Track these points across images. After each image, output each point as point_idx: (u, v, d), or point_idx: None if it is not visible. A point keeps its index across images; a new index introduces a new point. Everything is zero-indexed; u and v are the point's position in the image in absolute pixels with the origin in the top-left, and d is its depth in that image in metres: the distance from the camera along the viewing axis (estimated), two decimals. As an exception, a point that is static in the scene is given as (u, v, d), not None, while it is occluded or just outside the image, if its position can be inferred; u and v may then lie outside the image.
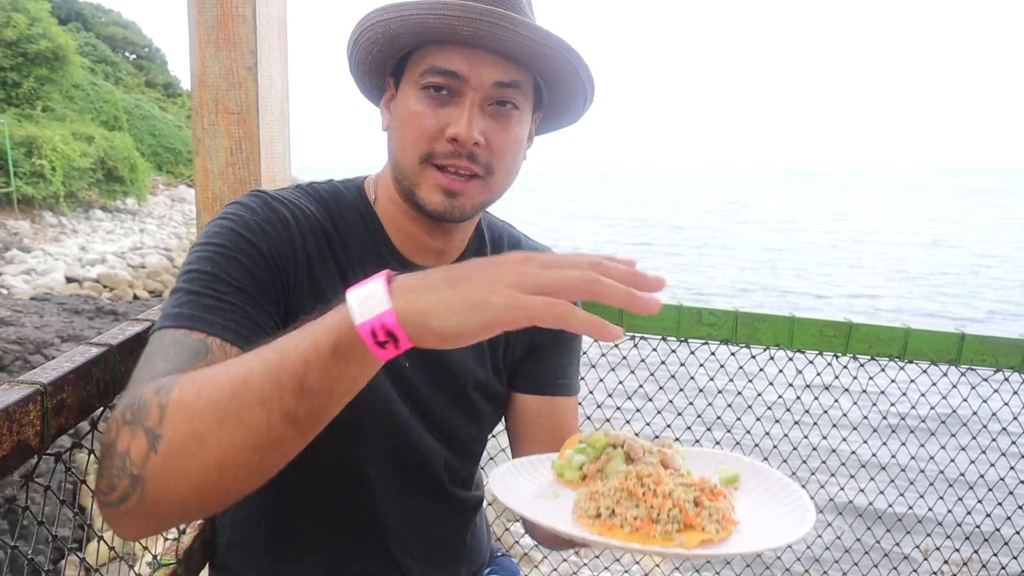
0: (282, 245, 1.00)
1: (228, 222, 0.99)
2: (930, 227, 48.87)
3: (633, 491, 0.78)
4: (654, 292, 0.66)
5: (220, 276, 0.92)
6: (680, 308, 1.76)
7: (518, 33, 0.94)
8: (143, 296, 12.37)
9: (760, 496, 0.87)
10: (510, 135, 1.03)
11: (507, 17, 0.93)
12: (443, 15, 0.93)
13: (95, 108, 23.98)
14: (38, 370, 0.91)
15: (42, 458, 0.90)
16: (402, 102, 1.04)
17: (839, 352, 1.80)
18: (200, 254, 0.95)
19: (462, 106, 0.98)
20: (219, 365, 0.74)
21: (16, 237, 14.75)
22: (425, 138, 1.00)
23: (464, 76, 0.98)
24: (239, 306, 0.91)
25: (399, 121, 1.04)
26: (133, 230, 18.23)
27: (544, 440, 1.21)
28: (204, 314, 0.88)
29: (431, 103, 1.00)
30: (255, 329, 0.91)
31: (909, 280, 23.36)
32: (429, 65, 0.99)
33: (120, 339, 1.09)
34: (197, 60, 1.43)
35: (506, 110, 1.02)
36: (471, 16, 0.92)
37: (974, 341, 1.81)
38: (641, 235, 34.08)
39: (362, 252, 1.11)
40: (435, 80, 0.99)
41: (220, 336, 0.87)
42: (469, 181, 1.02)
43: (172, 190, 26.36)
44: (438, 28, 0.95)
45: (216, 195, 1.48)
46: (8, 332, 7.26)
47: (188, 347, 0.84)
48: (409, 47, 1.03)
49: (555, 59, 0.99)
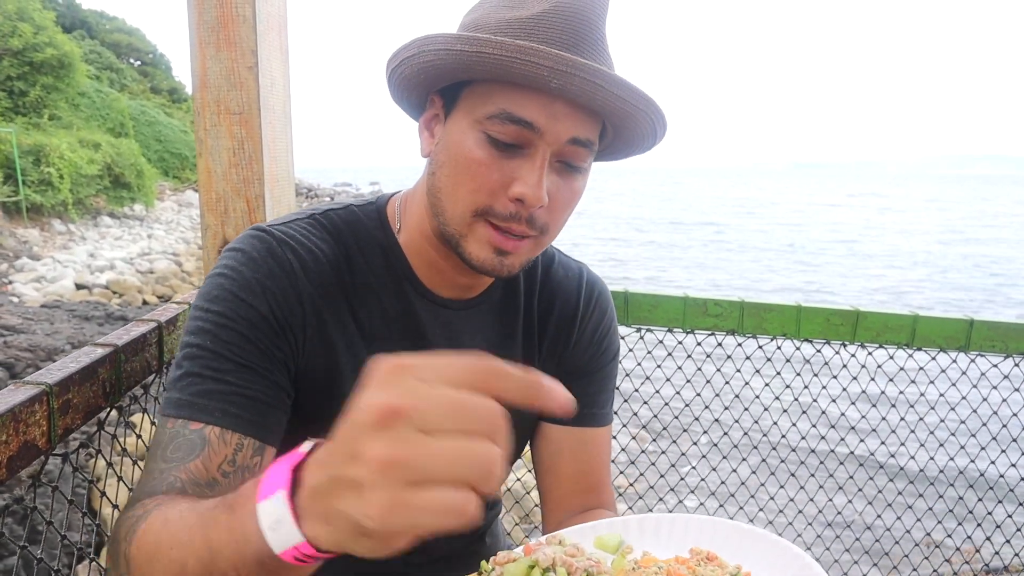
0: (287, 303, 0.92)
1: (228, 282, 0.91)
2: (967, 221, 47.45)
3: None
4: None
5: (220, 353, 0.87)
6: (686, 299, 1.76)
7: (608, 91, 0.86)
8: (152, 301, 12.43)
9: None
10: (573, 194, 0.95)
11: (601, 74, 0.84)
12: (533, 63, 0.83)
13: (101, 115, 24.11)
14: (44, 371, 0.92)
15: (49, 458, 0.90)
16: (457, 139, 0.92)
17: (847, 340, 1.79)
18: (199, 323, 0.89)
19: (532, 162, 0.89)
20: (168, 527, 0.67)
21: (26, 245, 14.85)
22: (485, 191, 0.90)
23: (540, 128, 0.87)
24: (239, 386, 0.87)
25: (452, 160, 0.92)
26: (141, 236, 18.33)
27: (570, 474, 1.15)
28: (202, 400, 0.84)
29: (496, 152, 0.89)
30: (258, 408, 0.87)
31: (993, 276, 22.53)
32: (500, 109, 0.88)
33: (125, 340, 1.10)
34: (198, 61, 1.43)
35: (573, 171, 0.94)
36: (563, 69, 0.83)
37: (983, 327, 1.80)
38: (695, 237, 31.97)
39: (380, 288, 1.02)
40: (506, 131, 0.88)
41: (218, 424, 0.84)
42: (522, 241, 0.93)
43: (179, 195, 26.48)
44: (523, 75, 0.84)
45: (220, 196, 1.48)
46: (20, 340, 7.31)
47: (186, 442, 0.82)
48: (476, 79, 0.91)
49: (638, 116, 0.91)
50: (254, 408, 0.86)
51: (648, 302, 1.76)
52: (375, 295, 1.01)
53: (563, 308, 1.15)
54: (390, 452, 0.45)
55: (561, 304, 1.15)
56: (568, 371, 1.15)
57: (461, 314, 1.07)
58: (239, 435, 0.84)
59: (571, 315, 1.15)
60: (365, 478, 0.46)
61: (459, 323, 1.07)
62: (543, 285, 1.15)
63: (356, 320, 0.99)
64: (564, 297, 1.15)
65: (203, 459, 0.81)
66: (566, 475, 1.14)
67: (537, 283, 1.15)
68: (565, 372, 1.15)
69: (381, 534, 0.47)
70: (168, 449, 0.82)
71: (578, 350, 1.16)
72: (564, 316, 1.15)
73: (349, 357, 0.98)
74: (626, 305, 1.75)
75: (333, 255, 0.99)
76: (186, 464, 0.80)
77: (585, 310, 1.16)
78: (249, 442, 0.85)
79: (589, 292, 1.17)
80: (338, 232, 1.02)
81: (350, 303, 0.99)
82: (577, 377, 1.15)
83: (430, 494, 0.45)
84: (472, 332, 1.08)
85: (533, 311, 1.14)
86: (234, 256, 0.93)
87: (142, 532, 0.69)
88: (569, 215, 0.98)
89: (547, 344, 1.14)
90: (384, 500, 0.45)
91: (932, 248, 30.01)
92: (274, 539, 0.54)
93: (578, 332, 1.16)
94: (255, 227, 0.98)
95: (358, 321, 0.99)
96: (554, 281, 1.16)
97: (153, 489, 0.77)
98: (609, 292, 1.22)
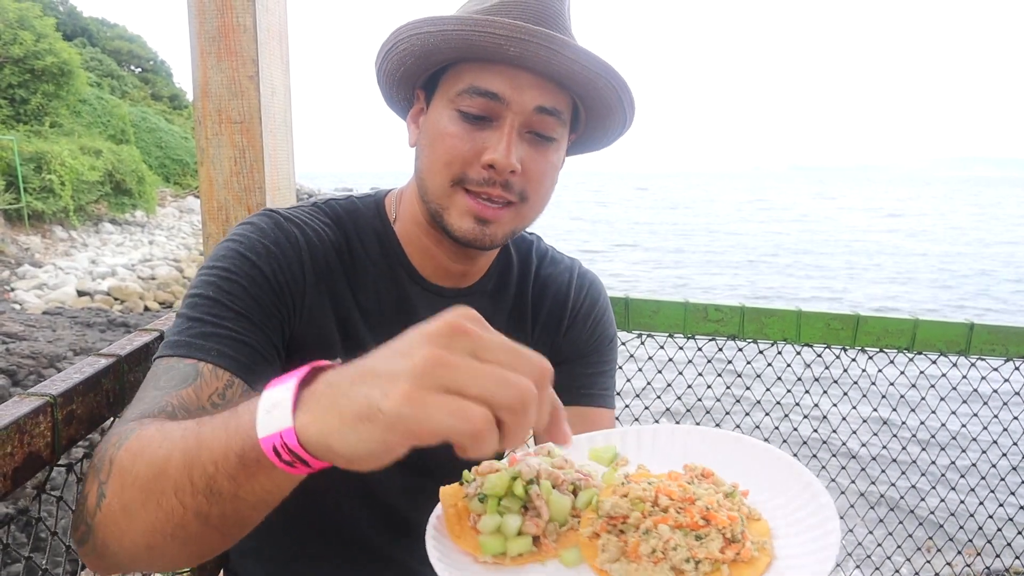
0: (290, 269, 0.97)
1: (235, 244, 0.96)
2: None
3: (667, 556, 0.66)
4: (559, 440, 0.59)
5: (220, 301, 0.91)
6: (686, 305, 1.76)
7: (565, 56, 0.90)
8: (154, 307, 12.44)
9: (772, 491, 0.77)
10: (547, 163, 0.99)
11: (556, 39, 0.89)
12: (489, 34, 0.89)
13: (102, 122, 24.15)
14: (47, 382, 0.92)
15: (54, 469, 0.91)
16: (434, 119, 0.99)
17: (847, 345, 1.80)
18: (204, 278, 0.93)
19: (500, 130, 0.94)
20: (162, 429, 0.69)
21: (28, 252, 14.87)
22: (459, 161, 0.95)
23: (505, 99, 0.93)
24: (236, 331, 0.89)
25: (430, 139, 0.99)
26: (142, 242, 18.34)
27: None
28: (199, 340, 0.87)
29: (467, 125, 0.95)
30: (251, 355, 0.90)
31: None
32: (468, 84, 0.94)
33: (128, 349, 1.10)
34: (199, 71, 1.44)
35: (545, 142, 0.98)
36: (519, 36, 0.88)
37: (983, 331, 1.80)
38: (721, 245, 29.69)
39: (376, 273, 1.08)
40: (474, 104, 0.94)
41: (212, 361, 0.86)
42: (502, 209, 0.97)
43: (180, 201, 26.50)
44: (482, 47, 0.90)
45: (222, 204, 1.49)
46: (22, 347, 7.31)
47: (178, 372, 0.84)
48: (446, 62, 0.98)
49: (599, 84, 0.95)
50: (248, 353, 0.89)
51: (649, 308, 1.76)
52: (372, 279, 1.07)
53: (555, 297, 1.20)
54: (441, 354, 0.50)
55: (553, 294, 1.20)
56: (563, 357, 1.19)
57: (454, 302, 1.09)
58: (230, 374, 0.86)
59: (562, 303, 1.20)
60: (404, 370, 0.50)
61: None
62: (536, 277, 1.20)
63: (356, 299, 1.04)
64: (556, 287, 1.20)
65: (195, 388, 0.83)
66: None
67: (531, 275, 1.20)
68: (559, 358, 1.19)
69: (388, 420, 0.49)
70: (162, 380, 0.84)
71: (570, 336, 1.20)
72: (555, 305, 1.20)
73: (342, 333, 1.03)
74: (627, 311, 1.75)
75: (335, 238, 1.05)
76: (179, 391, 0.82)
77: (576, 298, 1.21)
78: (239, 383, 0.87)
79: (580, 282, 1.23)
80: (339, 219, 1.08)
81: (350, 283, 1.05)
82: (572, 361, 1.19)
83: (454, 401, 0.48)
84: None
85: (526, 301, 1.18)
86: (243, 228, 1.00)
87: (135, 437, 0.70)
88: (549, 188, 1.03)
89: (538, 331, 1.19)
90: (411, 389, 0.49)
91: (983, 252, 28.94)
92: (264, 421, 0.56)
93: (569, 319, 1.20)
94: (265, 208, 1.05)
95: (357, 300, 1.04)
96: (547, 273, 1.21)
97: (144, 412, 0.79)
98: (602, 284, 1.27)
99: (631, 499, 0.71)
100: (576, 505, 0.75)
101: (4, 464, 0.78)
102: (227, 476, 0.60)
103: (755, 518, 0.74)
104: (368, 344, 1.02)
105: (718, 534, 0.68)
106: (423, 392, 0.49)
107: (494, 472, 0.76)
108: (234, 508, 0.62)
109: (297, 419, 0.54)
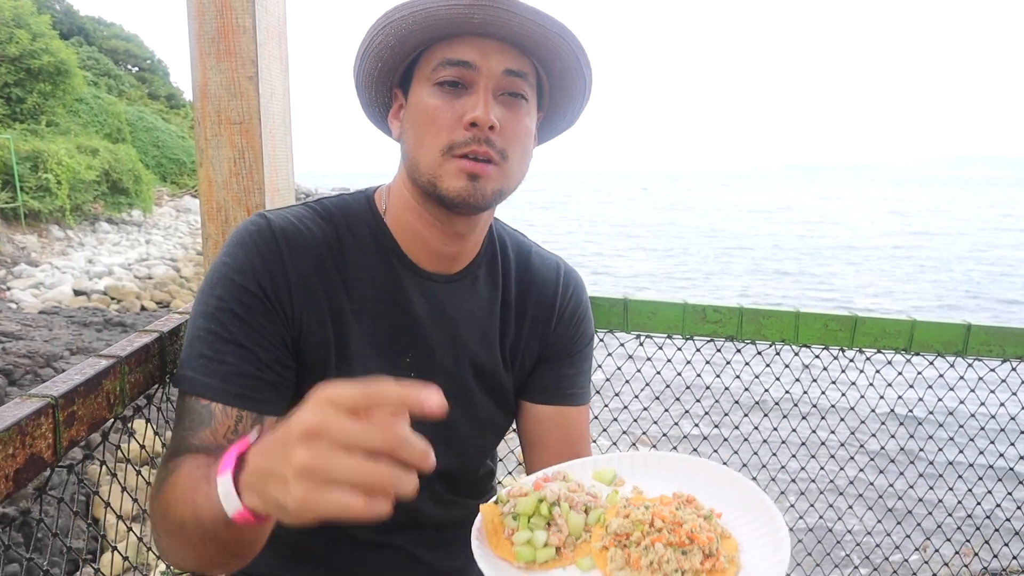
0: (272, 280, 1.04)
1: (224, 267, 1.04)
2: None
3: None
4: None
5: (219, 334, 1.00)
6: (684, 306, 1.77)
7: (524, 17, 0.99)
8: (150, 307, 12.42)
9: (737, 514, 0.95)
10: (521, 123, 1.07)
11: (514, 3, 0.98)
12: (454, 5, 0.98)
13: (99, 121, 24.09)
14: (48, 383, 0.92)
15: (55, 470, 0.91)
16: (415, 103, 1.07)
17: (845, 346, 1.80)
18: (203, 308, 1.02)
19: (476, 93, 1.02)
20: (181, 484, 0.86)
21: (24, 251, 14.84)
22: (445, 129, 1.03)
23: (476, 65, 1.02)
24: (235, 364, 0.99)
25: (415, 120, 1.07)
26: (139, 242, 18.30)
27: (555, 448, 1.24)
28: (207, 379, 0.98)
29: (446, 96, 1.03)
30: (255, 385, 1.00)
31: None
32: (441, 59, 1.03)
33: (128, 351, 1.10)
34: (198, 71, 1.44)
35: (516, 100, 1.06)
36: (480, 3, 0.97)
37: (980, 332, 1.81)
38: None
39: (368, 263, 1.12)
40: (448, 72, 1.03)
41: (220, 401, 0.98)
42: (488, 165, 1.04)
43: (177, 201, 26.46)
44: (449, 19, 1.00)
45: (220, 205, 1.49)
46: (18, 346, 7.30)
47: (197, 415, 0.98)
48: (420, 47, 1.06)
49: (557, 43, 1.04)
50: (250, 384, 1.00)
51: (647, 309, 1.76)
52: (365, 270, 1.11)
53: (541, 293, 1.26)
54: (307, 461, 0.61)
55: (539, 289, 1.26)
56: (550, 354, 1.26)
57: (445, 287, 1.17)
58: (238, 410, 0.98)
59: (550, 301, 1.27)
60: (289, 475, 0.62)
61: (443, 295, 1.16)
62: (522, 269, 1.26)
63: (348, 294, 1.09)
64: (542, 283, 1.26)
65: (211, 430, 0.97)
66: (552, 449, 1.24)
67: (513, 266, 1.25)
68: (547, 354, 1.26)
69: (296, 514, 0.62)
70: (186, 420, 0.98)
71: (557, 334, 1.26)
72: (543, 301, 1.26)
73: (335, 327, 1.08)
74: (625, 312, 1.76)
75: (324, 236, 1.10)
76: (199, 432, 0.96)
77: (563, 296, 1.27)
78: (247, 415, 0.99)
79: (566, 280, 1.29)
80: (330, 216, 1.13)
81: (343, 278, 1.10)
82: (557, 360, 1.26)
83: (335, 494, 0.60)
84: (456, 303, 1.17)
85: (511, 291, 1.24)
86: (230, 242, 1.06)
87: (166, 489, 0.89)
88: (526, 150, 1.09)
89: (528, 324, 1.25)
90: (300, 493, 0.61)
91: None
92: (227, 506, 0.73)
93: (557, 316, 1.26)
94: (257, 213, 1.10)
95: (350, 294, 1.09)
96: (532, 267, 1.27)
97: (176, 451, 0.95)
98: (583, 282, 1.32)
99: (632, 521, 0.90)
100: (588, 522, 0.94)
101: (6, 465, 0.78)
102: (227, 534, 0.78)
103: (726, 536, 0.92)
104: (356, 337, 1.07)
105: (699, 550, 0.86)
106: (309, 493, 0.61)
107: (523, 495, 0.96)
108: (250, 539, 0.84)
109: (245, 502, 0.72)
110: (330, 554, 1.19)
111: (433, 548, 1.23)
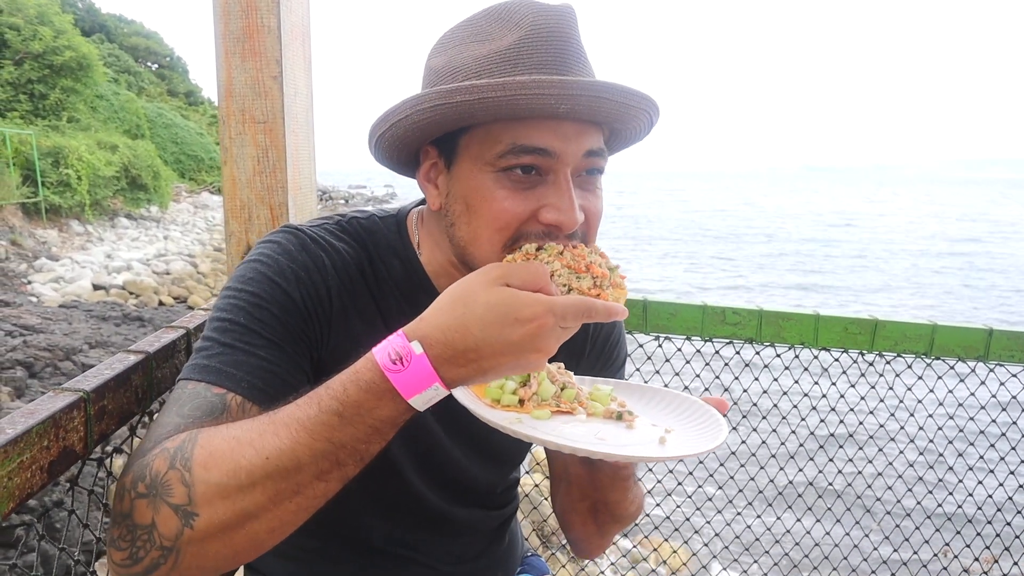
0: (318, 294, 0.97)
1: (262, 266, 0.95)
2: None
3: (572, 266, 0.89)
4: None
5: (252, 328, 0.90)
6: (704, 308, 1.77)
7: (613, 101, 0.88)
8: (168, 302, 12.55)
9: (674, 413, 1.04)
10: (600, 201, 0.97)
11: (602, 87, 0.86)
12: (538, 95, 0.84)
13: (118, 117, 24.35)
14: (80, 378, 0.94)
15: (85, 463, 0.92)
16: (472, 185, 0.93)
17: (865, 350, 1.79)
18: (233, 301, 0.92)
19: (558, 187, 0.90)
20: (246, 442, 0.76)
21: (44, 246, 15.02)
22: (514, 224, 0.91)
23: (556, 152, 0.89)
24: (267, 360, 0.90)
25: (470, 205, 0.93)
26: (157, 237, 18.49)
27: (581, 477, 1.13)
28: (230, 369, 0.87)
29: (515, 186, 0.90)
30: (281, 386, 0.89)
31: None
32: (510, 144, 0.89)
33: (156, 346, 1.12)
34: (224, 71, 1.46)
35: (594, 177, 0.96)
36: (569, 92, 0.84)
37: (1002, 336, 1.79)
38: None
39: (400, 298, 1.06)
40: (522, 160, 0.89)
41: (242, 394, 0.86)
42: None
43: (195, 197, 26.68)
44: (530, 108, 0.86)
45: (244, 203, 1.50)
46: (39, 339, 7.40)
47: (205, 402, 0.84)
48: (481, 123, 0.92)
49: (636, 113, 0.94)
50: (277, 385, 0.89)
51: (667, 310, 1.77)
52: (396, 300, 1.06)
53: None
54: (537, 330, 0.76)
55: None
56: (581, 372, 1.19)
57: None
58: (259, 408, 0.86)
59: (581, 332, 1.17)
60: (524, 343, 0.76)
61: None
62: None
63: (383, 316, 1.04)
64: None
65: (219, 422, 0.82)
66: (577, 478, 1.15)
67: None
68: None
69: (527, 370, 0.79)
70: (187, 407, 0.84)
71: (590, 360, 1.22)
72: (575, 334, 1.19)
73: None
74: (645, 313, 1.76)
75: (357, 257, 1.04)
76: (201, 422, 0.82)
77: (595, 325, 1.21)
78: (257, 411, 0.86)
79: None
80: (360, 238, 1.07)
81: (376, 303, 1.04)
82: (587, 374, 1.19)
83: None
84: None
85: None
86: (269, 246, 0.99)
87: (206, 456, 0.75)
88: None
89: (562, 355, 1.15)
90: (539, 357, 0.78)
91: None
92: (422, 406, 0.77)
93: (590, 343, 1.21)
94: (286, 225, 1.03)
95: (384, 318, 1.04)
96: None
97: (163, 437, 0.80)
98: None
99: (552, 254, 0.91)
100: (562, 396, 1.01)
101: (41, 457, 0.80)
102: (381, 440, 0.79)
103: (620, 288, 0.93)
104: None
105: (591, 278, 0.89)
106: (541, 356, 0.76)
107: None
108: (376, 450, 0.80)
109: (448, 385, 0.78)
110: (347, 573, 1.17)
111: (449, 560, 1.21)
